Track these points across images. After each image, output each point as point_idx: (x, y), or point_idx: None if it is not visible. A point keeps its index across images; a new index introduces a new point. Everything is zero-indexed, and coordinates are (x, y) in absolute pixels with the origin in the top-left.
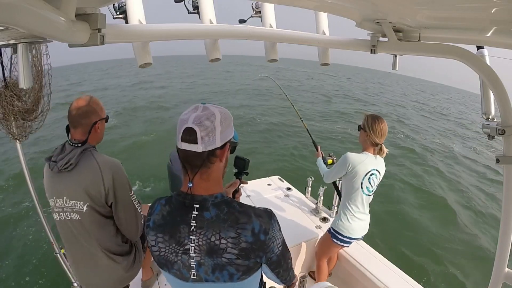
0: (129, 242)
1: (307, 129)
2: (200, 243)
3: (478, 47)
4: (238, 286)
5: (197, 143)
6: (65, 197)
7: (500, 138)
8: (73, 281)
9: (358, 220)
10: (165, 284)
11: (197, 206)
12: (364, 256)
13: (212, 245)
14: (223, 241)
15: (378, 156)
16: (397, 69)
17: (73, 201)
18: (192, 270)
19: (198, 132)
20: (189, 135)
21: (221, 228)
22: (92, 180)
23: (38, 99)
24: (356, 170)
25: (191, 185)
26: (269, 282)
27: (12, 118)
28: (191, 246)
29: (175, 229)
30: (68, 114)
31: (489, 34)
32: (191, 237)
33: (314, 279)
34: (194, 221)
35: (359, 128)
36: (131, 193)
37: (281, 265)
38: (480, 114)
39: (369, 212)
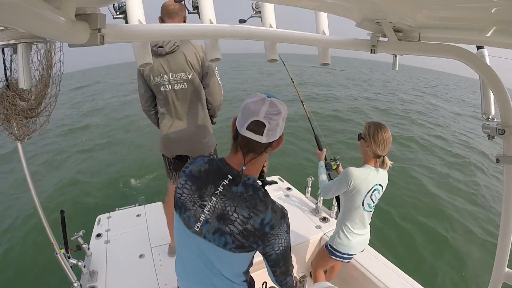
0: None
1: (308, 118)
2: (216, 206)
3: (478, 47)
4: (227, 256)
5: (262, 135)
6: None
7: (500, 138)
8: (73, 281)
9: (357, 236)
10: (165, 284)
11: (231, 177)
12: (364, 257)
13: (224, 213)
14: (235, 215)
15: (380, 169)
16: (397, 69)
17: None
18: (198, 223)
19: (267, 126)
20: (257, 127)
21: (239, 205)
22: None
23: (43, 97)
24: (359, 188)
25: (244, 167)
26: (269, 282)
27: (15, 118)
28: (209, 204)
29: (204, 185)
30: (165, 10)
31: (489, 34)
32: (212, 197)
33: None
34: (222, 188)
35: (359, 137)
36: None
37: (279, 266)
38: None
39: (369, 224)
